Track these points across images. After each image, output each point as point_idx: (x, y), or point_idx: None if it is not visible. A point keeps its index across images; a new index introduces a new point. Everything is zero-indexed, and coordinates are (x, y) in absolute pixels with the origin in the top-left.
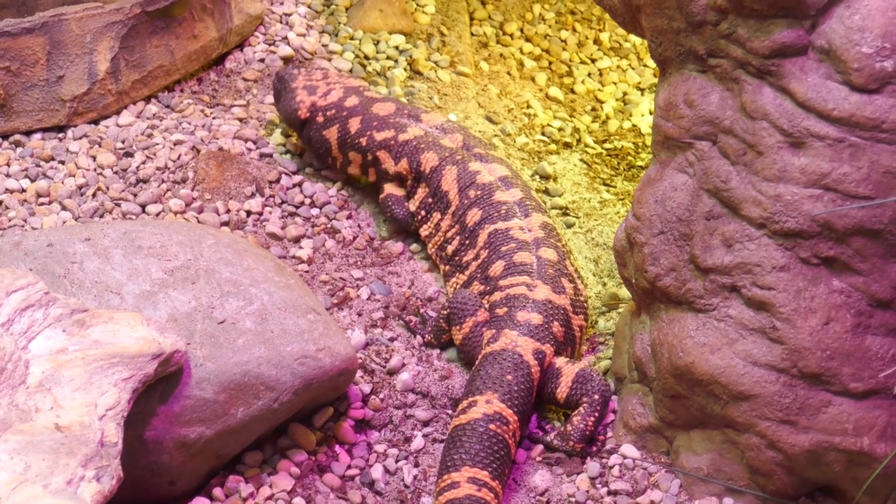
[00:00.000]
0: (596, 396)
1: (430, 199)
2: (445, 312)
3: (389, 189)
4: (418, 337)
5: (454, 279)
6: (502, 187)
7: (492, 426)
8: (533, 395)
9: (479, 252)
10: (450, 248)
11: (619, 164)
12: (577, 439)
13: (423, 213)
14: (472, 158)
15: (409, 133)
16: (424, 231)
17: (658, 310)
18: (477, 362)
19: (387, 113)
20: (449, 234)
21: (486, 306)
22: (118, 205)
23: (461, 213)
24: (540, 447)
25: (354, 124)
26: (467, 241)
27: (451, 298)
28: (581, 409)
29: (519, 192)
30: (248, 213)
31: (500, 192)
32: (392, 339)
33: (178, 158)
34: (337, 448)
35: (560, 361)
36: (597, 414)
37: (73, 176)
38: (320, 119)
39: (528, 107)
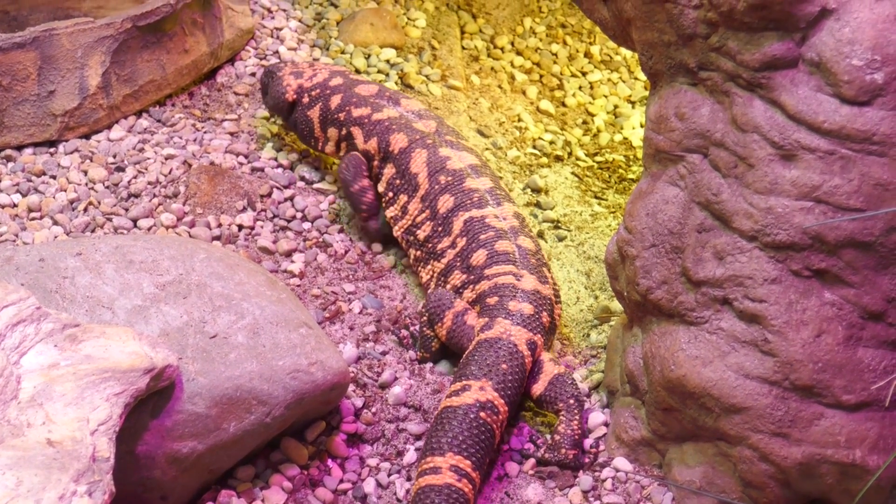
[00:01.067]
0: (571, 401)
1: (397, 181)
2: (425, 318)
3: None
4: (411, 352)
5: (429, 266)
6: (472, 175)
7: (482, 414)
8: (523, 386)
9: (455, 240)
10: (420, 234)
11: (610, 176)
12: (569, 446)
13: (390, 194)
14: (442, 144)
15: (384, 113)
16: (390, 213)
17: (650, 323)
18: (471, 348)
19: (368, 93)
20: (419, 219)
21: (465, 298)
22: (110, 219)
23: (432, 199)
24: (532, 460)
25: (335, 101)
26: (440, 228)
27: (426, 302)
28: (561, 416)
29: (489, 180)
30: (240, 227)
31: (470, 179)
32: (384, 353)
33: (170, 173)
34: (329, 462)
35: (545, 357)
36: (577, 418)
37: (65, 191)
38: (305, 100)
39: (520, 120)
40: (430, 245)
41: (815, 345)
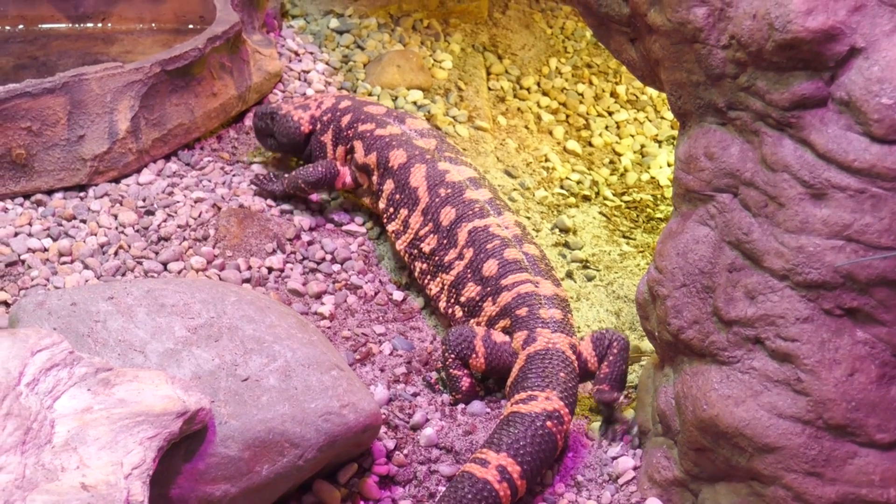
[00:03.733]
0: (615, 348)
1: (397, 195)
2: (452, 358)
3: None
4: (445, 396)
5: (438, 279)
6: (471, 186)
7: (549, 423)
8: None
9: (462, 251)
10: (426, 247)
11: (638, 216)
12: (616, 387)
13: (390, 209)
14: (441, 158)
15: (387, 130)
16: (392, 227)
17: (682, 362)
18: (521, 363)
19: (376, 112)
20: (422, 232)
21: (487, 311)
22: (140, 263)
23: (434, 211)
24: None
25: (345, 120)
26: (445, 241)
27: (448, 343)
28: (606, 361)
29: (487, 192)
30: (270, 269)
31: (469, 190)
32: (415, 395)
33: (199, 216)
34: None
35: (579, 343)
36: (622, 360)
37: (95, 234)
38: (318, 127)
39: (547, 160)
40: (436, 258)
41: (847, 384)
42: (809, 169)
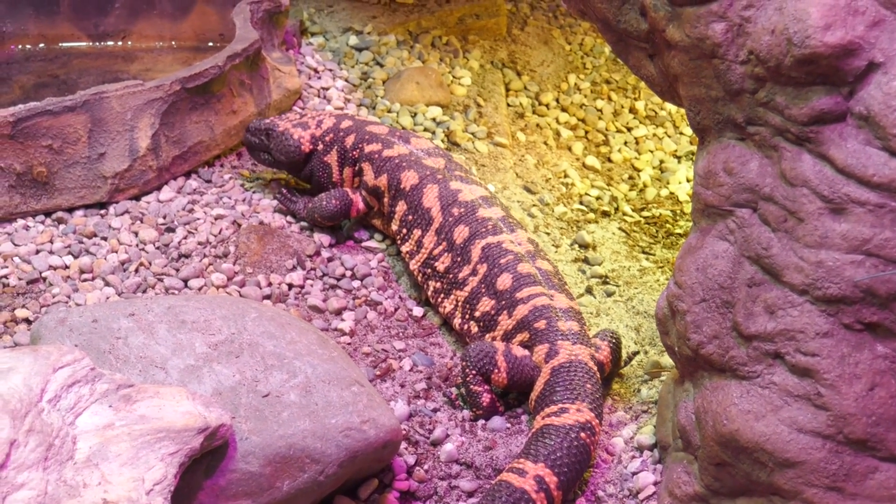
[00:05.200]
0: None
1: (410, 216)
2: (472, 374)
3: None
4: (465, 412)
5: (452, 296)
6: (484, 205)
7: (582, 435)
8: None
9: (475, 267)
10: (440, 266)
11: (657, 231)
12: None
13: (403, 230)
14: (452, 178)
15: (395, 150)
16: (406, 248)
17: (701, 377)
18: (546, 377)
19: (379, 132)
20: (436, 252)
21: (502, 325)
22: (161, 280)
23: (447, 230)
24: None
25: (349, 140)
26: (459, 258)
27: (468, 359)
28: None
29: (500, 210)
30: (290, 286)
31: (482, 209)
32: (435, 411)
33: (220, 233)
34: None
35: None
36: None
37: (116, 252)
38: (320, 147)
39: (566, 176)
40: (450, 275)
41: (868, 398)
42: (829, 184)
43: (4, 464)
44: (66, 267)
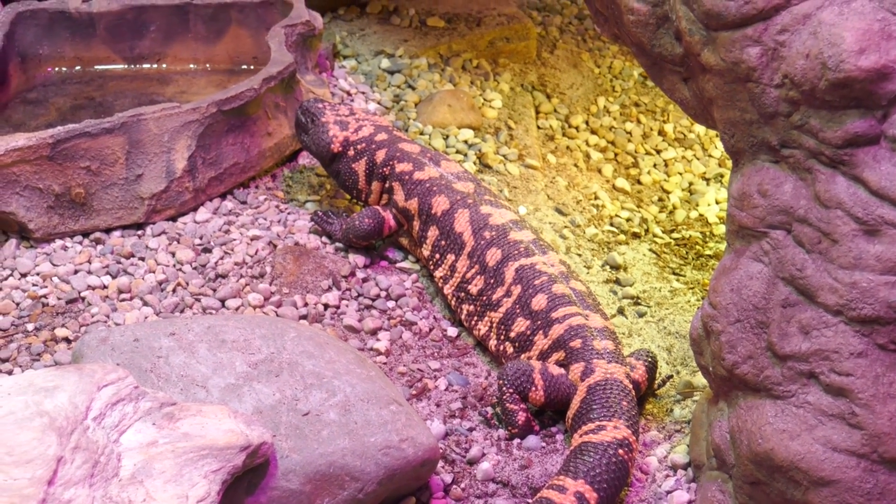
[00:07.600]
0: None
1: (442, 242)
2: (509, 392)
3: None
4: (501, 431)
5: (486, 318)
6: (515, 228)
7: (620, 451)
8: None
9: (509, 289)
10: (473, 288)
11: (687, 253)
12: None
13: (437, 255)
14: (482, 202)
15: (426, 173)
16: (439, 273)
17: (736, 397)
18: (583, 395)
19: (410, 150)
20: (468, 275)
21: (538, 345)
22: (198, 300)
23: (479, 254)
24: None
25: (380, 155)
26: (493, 280)
27: (505, 377)
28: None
29: (530, 233)
30: (326, 306)
31: (513, 232)
32: (471, 430)
33: (256, 253)
34: None
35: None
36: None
37: (153, 272)
38: (351, 153)
39: (596, 198)
40: (484, 297)
41: None
42: (863, 206)
43: (52, 480)
44: (105, 287)
